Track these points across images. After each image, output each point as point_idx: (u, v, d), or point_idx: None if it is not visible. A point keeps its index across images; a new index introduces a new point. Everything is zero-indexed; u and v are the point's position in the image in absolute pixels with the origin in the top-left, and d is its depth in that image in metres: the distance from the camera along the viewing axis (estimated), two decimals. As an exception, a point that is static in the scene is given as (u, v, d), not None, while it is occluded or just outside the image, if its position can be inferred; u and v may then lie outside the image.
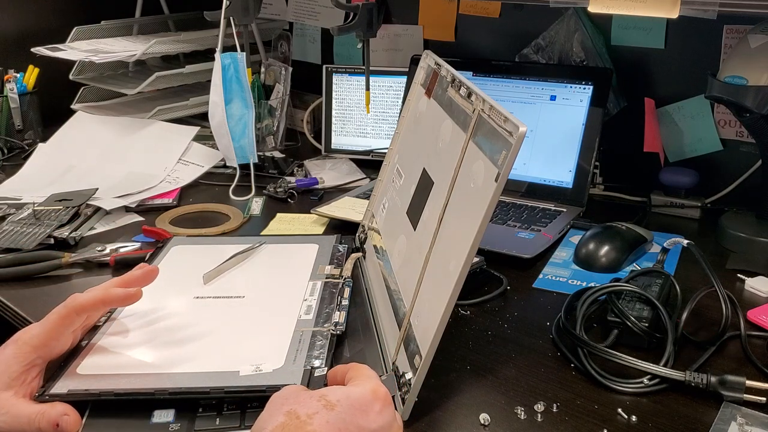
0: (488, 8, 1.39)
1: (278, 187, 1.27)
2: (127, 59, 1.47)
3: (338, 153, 1.48)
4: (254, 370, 0.68)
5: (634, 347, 0.78)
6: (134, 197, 1.22)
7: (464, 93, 0.75)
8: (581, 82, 1.20)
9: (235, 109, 1.29)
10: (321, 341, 0.74)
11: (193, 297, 0.85)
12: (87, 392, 0.66)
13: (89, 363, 0.70)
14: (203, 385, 0.66)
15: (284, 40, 1.67)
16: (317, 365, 0.69)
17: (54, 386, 0.66)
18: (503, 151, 0.61)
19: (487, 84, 1.28)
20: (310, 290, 0.86)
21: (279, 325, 0.78)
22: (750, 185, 1.17)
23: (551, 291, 0.93)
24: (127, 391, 0.66)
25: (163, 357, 0.73)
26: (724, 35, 1.16)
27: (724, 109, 1.18)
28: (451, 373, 0.75)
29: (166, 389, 0.66)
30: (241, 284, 0.88)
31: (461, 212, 0.68)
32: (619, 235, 0.99)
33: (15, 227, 1.07)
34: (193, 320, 0.80)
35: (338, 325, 0.77)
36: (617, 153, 1.26)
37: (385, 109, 1.45)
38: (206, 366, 0.70)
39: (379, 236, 0.94)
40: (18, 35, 1.63)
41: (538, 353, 0.79)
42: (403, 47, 1.52)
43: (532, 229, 1.09)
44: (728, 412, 0.68)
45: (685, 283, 0.87)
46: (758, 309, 0.87)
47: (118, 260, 0.99)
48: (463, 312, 0.88)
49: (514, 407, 0.69)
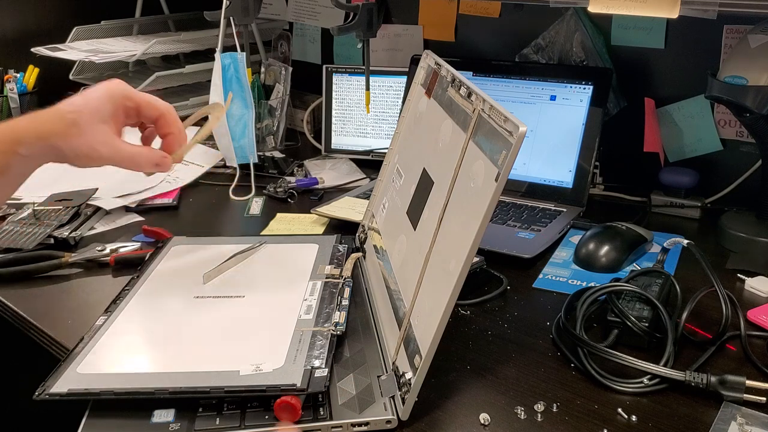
0: (488, 8, 1.39)
1: (278, 187, 1.27)
2: (127, 59, 1.47)
3: (338, 153, 1.48)
4: (254, 370, 0.68)
5: (634, 347, 0.78)
6: (134, 197, 1.22)
7: (464, 93, 0.75)
8: (581, 82, 1.20)
9: (235, 109, 1.29)
10: (321, 341, 0.74)
11: (193, 297, 0.85)
12: (87, 392, 0.66)
13: (89, 362, 0.71)
14: (203, 385, 0.66)
15: (284, 40, 1.67)
16: (317, 365, 0.69)
17: (54, 385, 0.66)
18: (503, 151, 0.61)
19: (487, 84, 1.28)
20: (310, 290, 0.86)
21: (279, 324, 0.78)
22: (750, 185, 1.17)
23: (551, 291, 0.93)
24: (127, 391, 0.66)
25: (163, 356, 0.73)
26: (724, 35, 1.16)
27: (724, 109, 1.18)
28: (451, 373, 0.75)
29: (167, 389, 0.66)
30: (241, 284, 0.88)
31: (461, 212, 0.68)
32: (619, 235, 0.99)
33: (15, 227, 1.07)
34: (193, 320, 0.80)
35: (338, 325, 0.77)
36: (617, 153, 1.26)
37: (385, 109, 1.45)
38: (206, 365, 0.70)
39: (379, 236, 0.94)
40: (18, 35, 1.63)
41: (538, 353, 0.79)
42: (403, 47, 1.52)
43: (532, 229, 1.09)
44: (728, 412, 0.68)
45: (685, 283, 0.86)
46: (758, 309, 0.87)
47: (118, 260, 0.99)
48: (463, 312, 0.88)
49: (514, 407, 0.69)
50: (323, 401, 0.67)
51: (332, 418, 0.65)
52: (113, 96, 0.77)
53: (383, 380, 0.70)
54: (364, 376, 0.71)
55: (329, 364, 0.70)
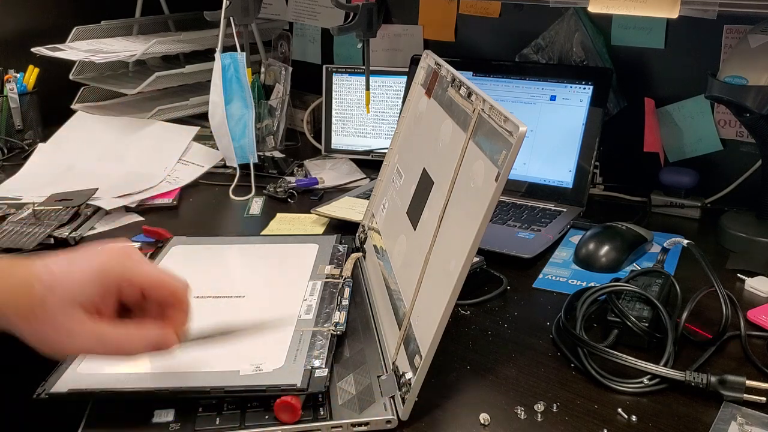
0: (488, 8, 1.39)
1: (278, 187, 1.27)
2: (127, 59, 1.47)
3: (338, 153, 1.48)
4: (254, 370, 0.68)
5: (634, 347, 0.78)
6: (134, 197, 1.21)
7: (464, 93, 0.75)
8: (581, 82, 1.20)
9: (235, 109, 1.29)
10: (321, 341, 0.74)
11: (193, 297, 0.85)
12: (87, 391, 0.66)
13: (90, 363, 0.70)
14: (204, 385, 0.66)
15: (284, 40, 1.67)
16: (317, 365, 0.69)
17: (54, 385, 0.66)
18: (503, 151, 0.61)
19: (487, 84, 1.28)
20: (310, 290, 0.86)
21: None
22: (750, 185, 1.17)
23: (551, 291, 0.93)
24: (128, 391, 0.66)
25: (164, 356, 0.73)
26: (724, 35, 1.16)
27: (724, 109, 1.18)
28: (451, 373, 0.75)
29: (167, 389, 0.66)
30: (241, 284, 0.88)
31: (461, 212, 0.68)
32: (619, 235, 0.99)
33: (15, 227, 1.07)
34: (193, 319, 0.80)
35: (338, 325, 0.77)
36: (617, 153, 1.26)
37: (385, 109, 1.45)
38: (206, 365, 0.70)
39: (379, 236, 0.94)
40: (18, 35, 1.63)
41: (538, 353, 0.79)
42: (403, 47, 1.52)
43: (532, 229, 1.09)
44: (728, 412, 0.68)
45: (685, 283, 0.86)
46: (758, 309, 0.87)
47: (118, 260, 0.99)
48: (463, 312, 0.88)
49: (514, 407, 0.69)
50: (323, 401, 0.67)
51: (332, 418, 0.65)
52: (106, 276, 0.61)
53: (383, 380, 0.70)
54: (364, 376, 0.71)
55: (329, 364, 0.70)
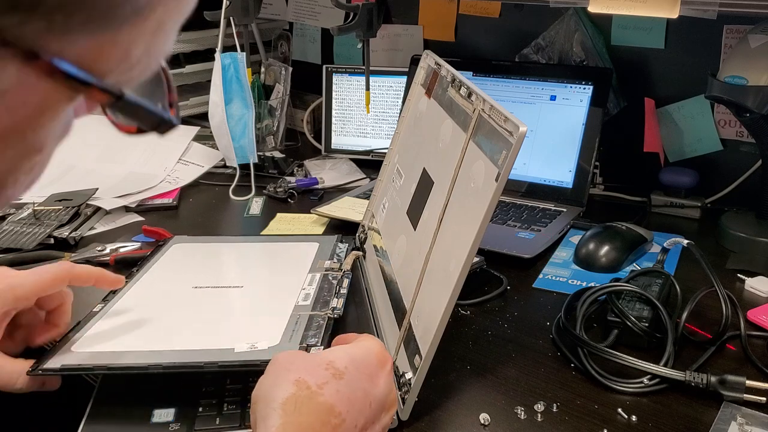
0: (488, 8, 1.39)
1: (278, 187, 1.27)
2: (127, 59, 1.47)
3: (338, 153, 1.48)
4: (249, 347, 0.68)
5: (634, 347, 0.78)
6: (134, 197, 1.22)
7: (464, 93, 0.75)
8: (581, 82, 1.20)
9: (235, 109, 1.29)
10: (318, 323, 0.74)
11: (191, 287, 0.85)
12: (80, 367, 0.66)
13: (84, 342, 0.71)
14: (197, 361, 0.66)
15: (284, 40, 1.67)
16: (313, 343, 0.69)
17: (47, 362, 0.67)
18: (503, 151, 0.61)
19: (487, 84, 1.28)
20: (309, 281, 0.86)
21: (276, 309, 0.78)
22: (750, 185, 1.17)
23: (551, 291, 0.93)
24: (121, 366, 0.66)
25: (159, 337, 0.73)
26: (724, 35, 1.16)
27: (724, 109, 1.18)
28: (451, 373, 0.75)
29: (160, 364, 0.65)
30: (239, 275, 0.89)
31: (461, 212, 0.68)
32: (619, 235, 0.99)
33: (15, 227, 1.07)
34: (190, 306, 0.80)
35: (335, 309, 0.77)
36: (617, 153, 1.26)
37: (385, 109, 1.45)
38: (201, 344, 0.70)
39: (379, 236, 0.93)
40: (18, 35, 1.63)
41: (538, 353, 0.79)
42: (403, 47, 1.52)
43: (532, 229, 1.08)
44: (728, 412, 0.68)
45: (685, 283, 0.86)
46: (758, 309, 0.87)
47: (118, 260, 0.99)
48: (463, 312, 0.88)
49: (514, 407, 0.69)
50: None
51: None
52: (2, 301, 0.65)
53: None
54: (364, 376, 0.70)
55: (326, 343, 0.69)
